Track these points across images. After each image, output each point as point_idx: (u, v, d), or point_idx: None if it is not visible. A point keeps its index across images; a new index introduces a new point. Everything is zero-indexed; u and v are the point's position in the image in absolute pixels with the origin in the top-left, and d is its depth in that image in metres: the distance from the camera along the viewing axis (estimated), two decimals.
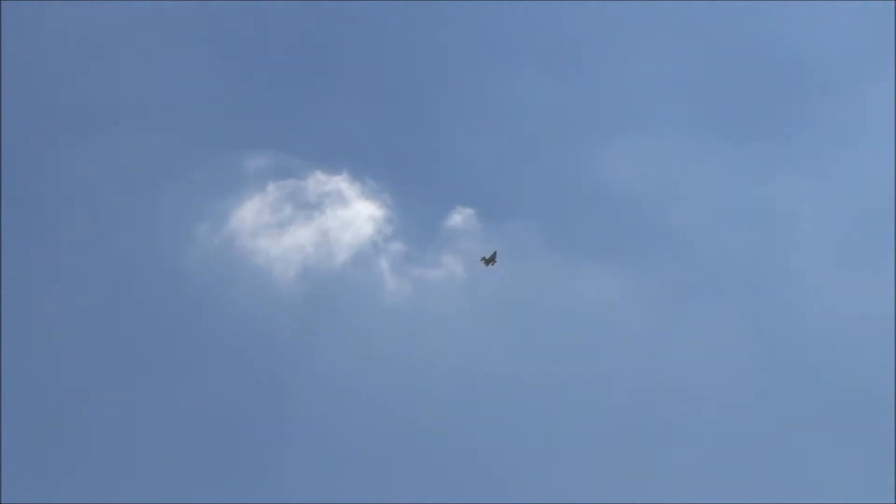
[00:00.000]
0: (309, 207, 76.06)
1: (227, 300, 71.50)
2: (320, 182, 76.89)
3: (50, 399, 66.17)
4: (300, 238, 74.75)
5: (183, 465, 64.72)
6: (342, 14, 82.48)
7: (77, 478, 63.45)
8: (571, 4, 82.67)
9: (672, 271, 73.58)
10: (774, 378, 67.90)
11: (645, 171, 77.95)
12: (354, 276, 73.79)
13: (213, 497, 62.97)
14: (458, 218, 75.50)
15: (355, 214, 75.74)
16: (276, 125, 79.80)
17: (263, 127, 79.63)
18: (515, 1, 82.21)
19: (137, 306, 70.67)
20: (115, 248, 73.10)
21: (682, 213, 76.12)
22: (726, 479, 63.32)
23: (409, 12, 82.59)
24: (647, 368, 69.10)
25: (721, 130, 79.32)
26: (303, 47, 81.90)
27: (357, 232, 75.01)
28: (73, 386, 66.68)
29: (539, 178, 78.43)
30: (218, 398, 67.27)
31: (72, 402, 66.14)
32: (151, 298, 71.02)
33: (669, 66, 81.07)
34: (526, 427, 66.90)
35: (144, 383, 67.48)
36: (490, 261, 61.67)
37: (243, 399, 67.60)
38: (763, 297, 71.92)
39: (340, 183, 76.90)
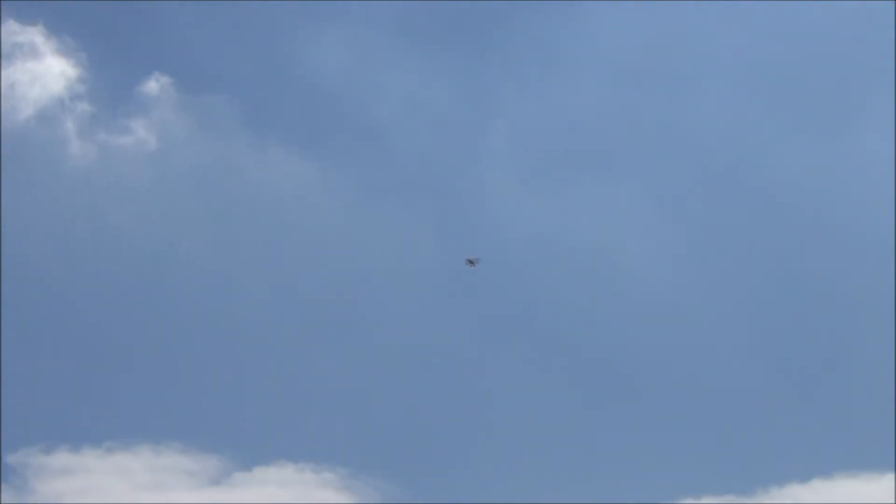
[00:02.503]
0: None
1: None
2: (12, 32, 73.52)
3: None
4: None
5: None
6: None
7: None
8: None
9: (364, 167, 74.28)
10: (454, 280, 69.40)
11: (351, 65, 77.90)
12: (38, 135, 71.46)
13: None
14: (155, 85, 73.64)
15: (46, 70, 72.80)
16: None
17: None
18: None
19: None
20: None
21: (382, 110, 76.62)
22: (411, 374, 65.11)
23: None
24: (333, 260, 69.76)
25: (435, 35, 79.70)
26: None
27: (46, 88, 72.24)
28: None
29: (245, 57, 77.37)
30: None
31: None
32: None
33: None
34: (199, 306, 66.92)
35: None
36: (472, 262, 62.34)
37: None
38: (448, 202, 73.35)
39: (35, 35, 73.75)
